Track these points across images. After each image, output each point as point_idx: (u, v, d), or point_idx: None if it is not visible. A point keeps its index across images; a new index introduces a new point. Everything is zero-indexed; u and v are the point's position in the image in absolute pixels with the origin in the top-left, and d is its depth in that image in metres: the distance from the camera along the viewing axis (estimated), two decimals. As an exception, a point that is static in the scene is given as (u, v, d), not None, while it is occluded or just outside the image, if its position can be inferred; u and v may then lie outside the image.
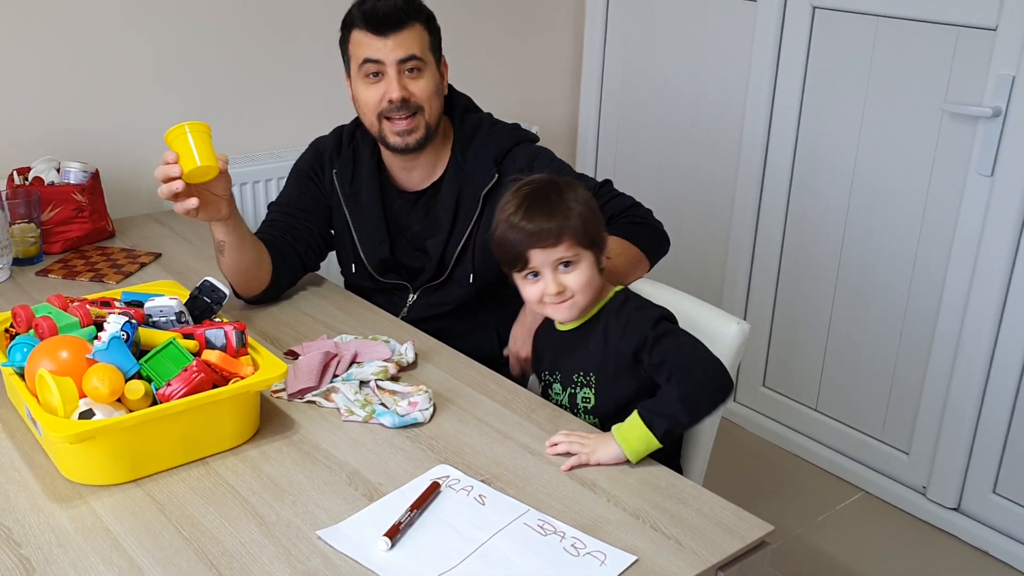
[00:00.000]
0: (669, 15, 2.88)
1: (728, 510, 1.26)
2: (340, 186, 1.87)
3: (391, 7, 1.71)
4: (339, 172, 1.88)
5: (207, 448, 1.33)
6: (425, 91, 1.75)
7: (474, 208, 1.81)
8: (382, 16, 1.71)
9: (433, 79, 1.76)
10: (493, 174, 1.80)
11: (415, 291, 1.89)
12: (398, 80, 1.72)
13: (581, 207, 1.44)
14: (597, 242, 1.46)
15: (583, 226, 1.43)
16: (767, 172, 2.73)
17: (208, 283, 1.52)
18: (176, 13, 2.41)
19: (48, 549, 1.14)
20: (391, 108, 1.74)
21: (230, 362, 1.35)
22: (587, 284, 1.45)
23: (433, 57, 1.77)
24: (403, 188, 1.88)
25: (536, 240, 1.42)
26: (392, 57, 1.72)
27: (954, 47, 2.26)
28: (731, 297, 2.90)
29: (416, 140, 1.77)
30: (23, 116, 2.26)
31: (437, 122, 1.80)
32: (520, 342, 1.71)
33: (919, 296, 2.46)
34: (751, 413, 2.96)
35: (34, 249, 2.00)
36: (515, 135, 1.85)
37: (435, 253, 1.84)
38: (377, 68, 1.73)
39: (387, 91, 1.73)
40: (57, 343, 1.31)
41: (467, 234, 1.82)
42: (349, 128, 1.91)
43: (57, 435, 1.20)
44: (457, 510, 1.23)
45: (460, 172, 1.83)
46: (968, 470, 2.44)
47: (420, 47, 1.74)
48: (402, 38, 1.72)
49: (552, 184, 1.47)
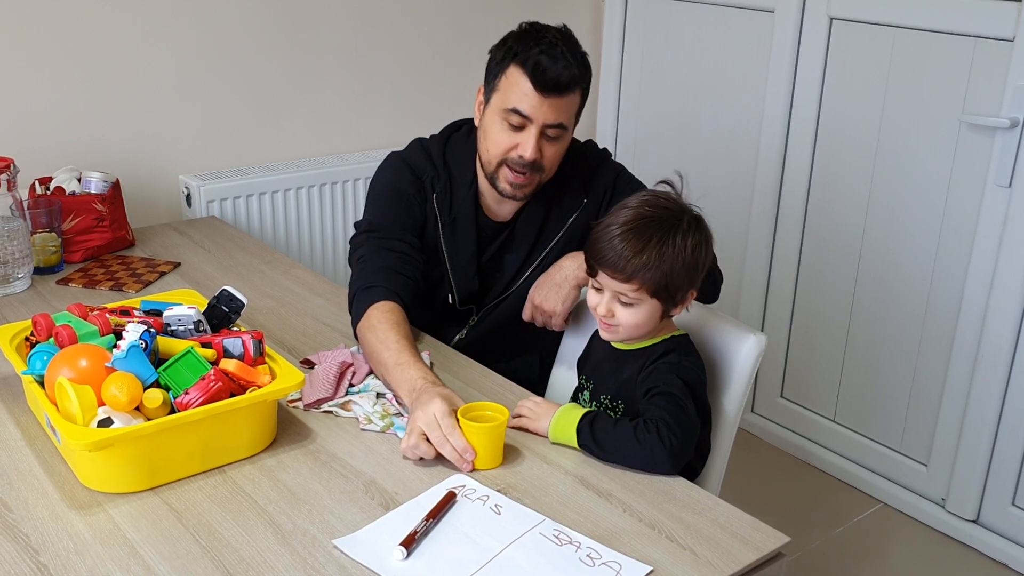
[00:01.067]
0: (686, 26, 2.89)
1: (744, 521, 1.25)
2: (440, 212, 1.78)
3: (566, 75, 1.63)
4: (439, 196, 1.77)
5: (224, 456, 1.34)
6: (554, 156, 1.70)
7: (558, 231, 1.80)
8: (552, 80, 1.63)
9: (566, 144, 1.72)
10: (582, 200, 1.79)
11: (477, 313, 1.86)
12: (536, 141, 1.66)
13: (675, 260, 1.37)
14: (673, 297, 1.40)
15: (663, 279, 1.37)
16: (784, 182, 2.72)
17: (226, 292, 1.53)
18: (196, 26, 2.43)
19: (66, 556, 1.15)
20: (518, 162, 1.68)
21: (248, 371, 1.36)
22: (638, 326, 1.42)
23: (575, 120, 1.72)
24: (494, 218, 1.82)
25: (609, 265, 1.39)
26: (542, 119, 1.65)
27: (971, 58, 2.25)
28: (748, 308, 2.89)
29: (524, 195, 1.73)
30: (45, 127, 2.29)
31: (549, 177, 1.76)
32: (543, 291, 1.71)
33: (937, 307, 2.44)
34: (769, 424, 2.95)
35: (55, 258, 2.02)
36: (597, 154, 1.83)
37: (510, 270, 1.82)
38: (522, 122, 1.66)
39: (521, 147, 1.66)
40: (76, 351, 1.32)
41: (544, 253, 1.81)
42: (438, 149, 1.80)
43: (76, 443, 1.21)
44: (473, 520, 1.23)
45: (549, 195, 1.79)
46: (987, 482, 2.42)
47: (570, 115, 1.68)
48: (559, 104, 1.65)
49: (668, 222, 1.39)
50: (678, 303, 1.43)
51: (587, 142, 1.87)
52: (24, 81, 2.24)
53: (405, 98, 2.83)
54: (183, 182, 2.49)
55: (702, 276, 1.45)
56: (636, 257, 1.36)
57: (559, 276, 1.72)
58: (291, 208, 2.61)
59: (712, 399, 1.61)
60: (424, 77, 2.85)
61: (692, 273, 1.40)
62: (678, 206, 1.44)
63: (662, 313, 1.43)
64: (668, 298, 1.40)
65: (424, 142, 1.83)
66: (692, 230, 1.40)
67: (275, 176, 2.57)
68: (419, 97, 2.85)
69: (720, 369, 1.61)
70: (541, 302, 1.72)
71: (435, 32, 2.85)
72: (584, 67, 1.69)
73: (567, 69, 1.64)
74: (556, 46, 1.65)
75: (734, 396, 1.59)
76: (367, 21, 2.72)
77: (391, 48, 2.77)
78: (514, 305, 1.82)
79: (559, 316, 1.72)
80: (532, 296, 1.74)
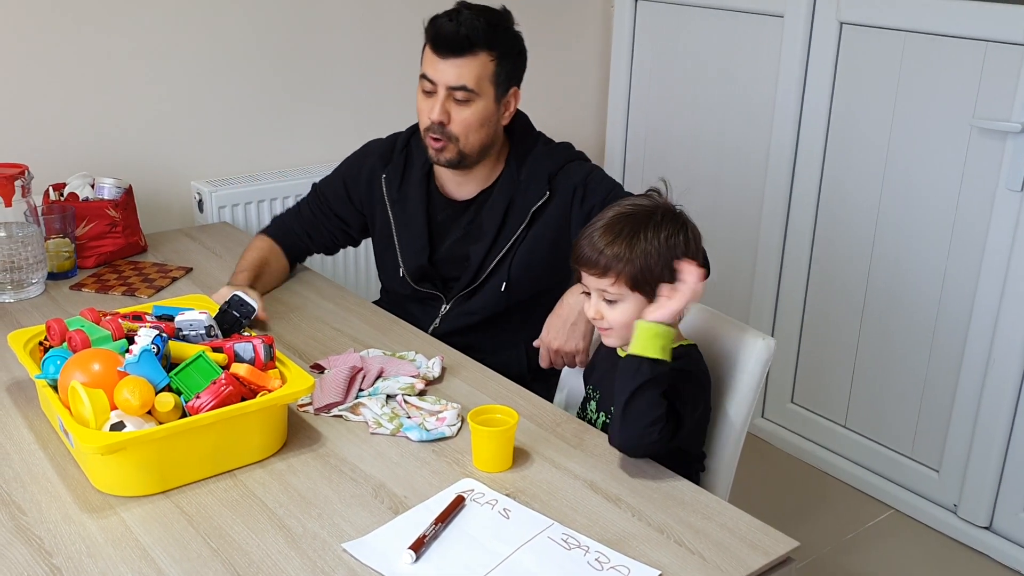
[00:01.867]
0: (696, 30, 2.89)
1: (753, 526, 1.25)
2: (388, 191, 1.90)
3: (454, 32, 1.70)
4: (388, 177, 1.90)
5: (235, 460, 1.35)
6: (465, 121, 1.74)
7: (521, 220, 1.82)
8: (444, 39, 1.71)
9: (481, 111, 1.75)
10: (545, 191, 1.81)
11: (448, 302, 1.90)
12: (442, 104, 1.73)
13: (650, 251, 1.38)
14: (654, 292, 1.39)
15: (639, 271, 1.38)
16: (795, 187, 2.72)
17: (237, 297, 1.54)
18: (208, 33, 2.45)
19: (79, 559, 1.16)
20: (431, 127, 1.76)
21: (258, 375, 1.37)
22: (626, 325, 1.41)
23: (493, 89, 1.75)
24: (451, 197, 1.89)
25: (585, 262, 1.41)
26: (443, 81, 1.72)
27: (982, 62, 2.24)
28: (758, 313, 2.88)
29: (446, 159, 1.79)
30: (59, 133, 2.30)
31: (479, 150, 1.79)
32: (554, 333, 1.69)
33: (949, 312, 2.44)
34: (779, 429, 2.94)
35: (68, 263, 2.03)
36: (569, 154, 1.87)
37: (475, 259, 1.85)
38: (431, 86, 1.75)
39: (431, 110, 1.75)
40: (89, 356, 1.33)
41: (510, 244, 1.83)
42: (405, 135, 1.94)
43: (89, 446, 1.22)
44: (481, 524, 1.23)
45: (513, 183, 1.84)
46: (1000, 488, 2.41)
47: (475, 77, 1.72)
48: (459, 64, 1.71)
49: (641, 216, 1.41)
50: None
51: (563, 143, 1.91)
52: (38, 88, 2.25)
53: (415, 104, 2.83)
54: (195, 188, 2.51)
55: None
56: (608, 248, 1.39)
57: (566, 313, 1.69)
58: (302, 214, 2.62)
59: (721, 403, 1.61)
60: (435, 83, 2.86)
61: (672, 264, 1.39)
62: (655, 203, 1.45)
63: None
64: (652, 292, 1.40)
65: (400, 131, 1.97)
66: (666, 222, 1.41)
67: (286, 182, 2.58)
68: (430, 103, 2.86)
69: (729, 373, 1.61)
70: (560, 346, 1.69)
71: (446, 38, 2.85)
72: (491, 30, 1.72)
73: (461, 27, 1.69)
74: (459, 12, 1.72)
75: (743, 401, 1.59)
76: (378, 28, 2.73)
77: (402, 54, 2.78)
78: (484, 299, 1.86)
79: (582, 352, 1.68)
80: (546, 342, 1.70)
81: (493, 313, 1.87)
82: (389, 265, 1.94)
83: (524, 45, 1.81)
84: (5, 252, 1.87)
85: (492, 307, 1.87)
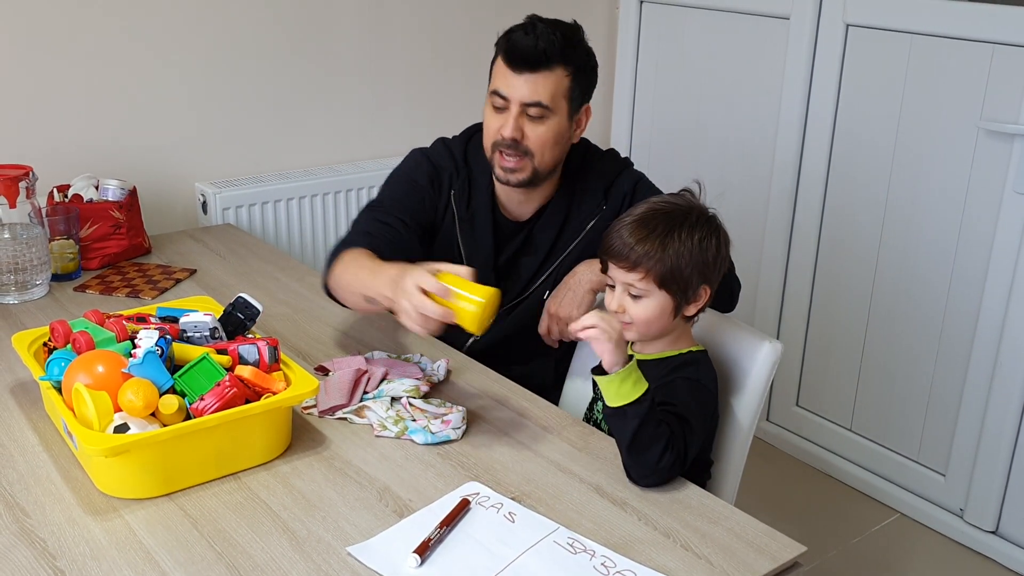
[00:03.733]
0: (701, 32, 2.88)
1: (760, 530, 1.24)
2: (458, 210, 1.80)
3: (532, 47, 1.64)
4: (457, 195, 1.80)
5: (239, 463, 1.34)
6: (540, 138, 1.68)
7: (576, 235, 1.80)
8: (521, 54, 1.64)
9: (555, 128, 1.69)
10: (602, 206, 1.79)
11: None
12: (516, 120, 1.67)
13: (683, 251, 1.37)
14: (684, 291, 1.40)
15: (668, 269, 1.37)
16: (800, 190, 2.71)
17: (242, 299, 1.54)
18: (212, 35, 2.45)
19: (83, 562, 1.15)
20: (503, 142, 1.69)
21: (263, 377, 1.36)
22: (648, 322, 1.41)
23: (567, 105, 1.70)
24: (511, 218, 1.83)
25: (615, 255, 1.41)
26: (518, 97, 1.66)
27: (990, 64, 2.24)
28: (764, 316, 2.88)
29: (518, 180, 1.72)
30: (63, 135, 2.30)
31: (550, 168, 1.73)
32: (558, 299, 1.69)
33: (955, 315, 2.43)
34: (784, 433, 2.93)
35: (72, 265, 2.03)
36: (619, 162, 1.84)
37: (527, 273, 1.82)
38: (503, 103, 1.68)
39: (502, 126, 1.68)
40: (93, 358, 1.33)
41: (561, 259, 1.80)
42: (459, 147, 1.83)
43: (92, 448, 1.22)
44: (487, 527, 1.23)
45: (568, 200, 1.80)
46: (1007, 492, 2.40)
47: (551, 94, 1.66)
48: (535, 80, 1.65)
49: (677, 216, 1.40)
50: (690, 299, 1.42)
51: (609, 150, 1.87)
52: (42, 90, 2.25)
53: (420, 106, 2.84)
54: (199, 189, 2.51)
55: (717, 274, 1.43)
56: (639, 245, 1.38)
57: (572, 281, 1.71)
58: (306, 216, 2.61)
59: (726, 407, 1.60)
60: (439, 85, 2.86)
61: (702, 267, 1.39)
62: (689, 204, 1.44)
63: (674, 309, 1.42)
64: (678, 292, 1.39)
65: (447, 141, 1.85)
66: (701, 224, 1.41)
67: (290, 184, 2.58)
68: (434, 105, 2.86)
69: (735, 377, 1.60)
70: (556, 310, 1.71)
71: (450, 40, 2.85)
72: (568, 45, 1.67)
73: (538, 42, 1.64)
74: (535, 25, 1.67)
75: (749, 404, 1.59)
76: (382, 29, 2.73)
77: (406, 56, 2.78)
78: (528, 310, 1.82)
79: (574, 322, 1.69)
80: (548, 306, 1.73)
81: (532, 322, 1.81)
82: None
83: (596, 61, 1.75)
84: (9, 253, 1.87)
85: (532, 317, 1.80)
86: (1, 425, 1.45)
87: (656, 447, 1.30)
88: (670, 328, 1.45)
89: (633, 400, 1.29)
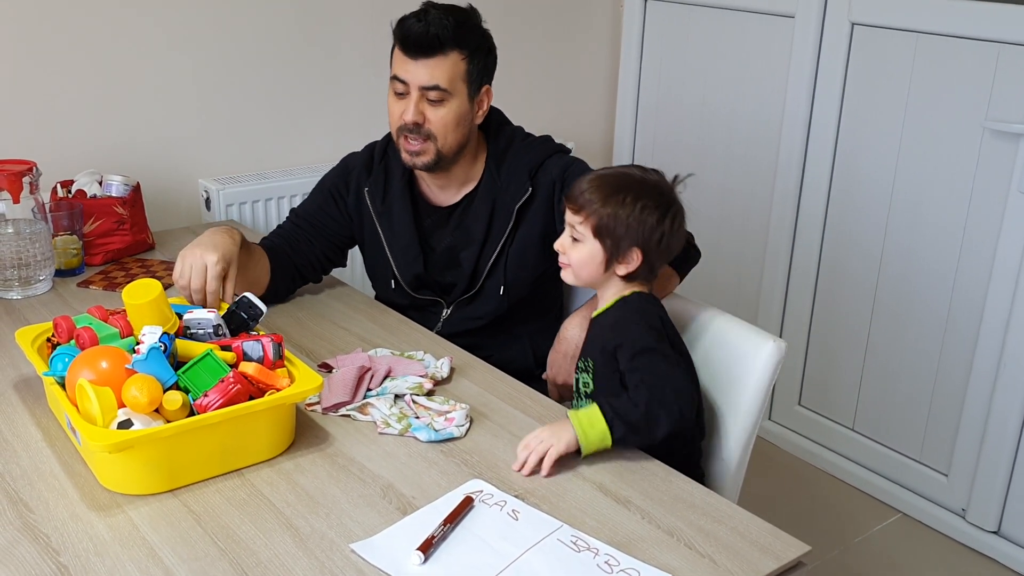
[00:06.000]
0: (706, 31, 2.88)
1: (764, 529, 1.24)
2: (372, 204, 1.88)
3: (424, 32, 1.69)
4: (371, 190, 1.88)
5: (243, 459, 1.34)
6: (441, 121, 1.73)
7: (507, 221, 1.82)
8: (414, 40, 1.70)
9: (456, 110, 1.74)
10: (527, 188, 1.81)
11: (448, 306, 1.90)
12: (416, 104, 1.72)
13: (622, 211, 1.46)
14: (616, 247, 1.48)
15: (606, 222, 1.47)
16: (804, 189, 2.71)
17: (246, 299, 1.53)
18: (216, 31, 2.45)
19: (86, 557, 1.15)
20: (405, 127, 1.75)
21: (266, 374, 1.36)
22: (580, 264, 1.50)
23: (466, 88, 1.74)
24: (435, 203, 1.88)
25: (569, 197, 1.52)
26: (416, 81, 1.71)
27: (995, 64, 2.23)
28: (767, 314, 2.87)
29: (423, 163, 1.77)
30: (67, 131, 2.30)
31: (455, 150, 1.78)
32: (556, 368, 1.71)
33: (959, 315, 2.42)
34: (787, 432, 2.93)
35: (76, 260, 2.03)
36: (548, 148, 1.86)
37: (468, 265, 1.85)
38: (403, 87, 1.73)
39: (404, 111, 1.73)
40: (97, 353, 1.33)
41: (500, 247, 1.83)
42: (381, 145, 1.92)
43: (96, 444, 1.21)
44: (490, 525, 1.23)
45: (494, 185, 1.83)
46: (1009, 492, 2.40)
47: (448, 77, 1.71)
48: (431, 65, 1.70)
49: (634, 182, 1.50)
50: (620, 257, 1.48)
51: (544, 136, 1.90)
52: (46, 85, 2.25)
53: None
54: (202, 186, 2.51)
55: (656, 246, 1.49)
56: (589, 192, 1.48)
57: (564, 348, 1.70)
58: (310, 212, 2.61)
59: (731, 406, 1.60)
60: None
61: (637, 232, 1.47)
62: (653, 180, 1.52)
63: (605, 261, 1.49)
64: (611, 244, 1.47)
65: (375, 142, 1.93)
66: (651, 196, 1.49)
67: (294, 180, 2.58)
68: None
69: (738, 376, 1.60)
70: (557, 378, 1.72)
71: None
72: (460, 28, 1.71)
73: (430, 28, 1.69)
74: (427, 12, 1.72)
75: (752, 404, 1.58)
76: (386, 26, 2.71)
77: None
78: (488, 302, 1.87)
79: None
80: (550, 377, 1.73)
81: (496, 315, 1.87)
82: (383, 277, 1.93)
83: (493, 43, 1.80)
84: (13, 249, 1.87)
85: (494, 310, 1.87)
86: (5, 420, 1.45)
87: (653, 423, 1.36)
88: (601, 280, 1.52)
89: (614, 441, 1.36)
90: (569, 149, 1.90)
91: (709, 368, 1.63)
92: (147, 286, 1.43)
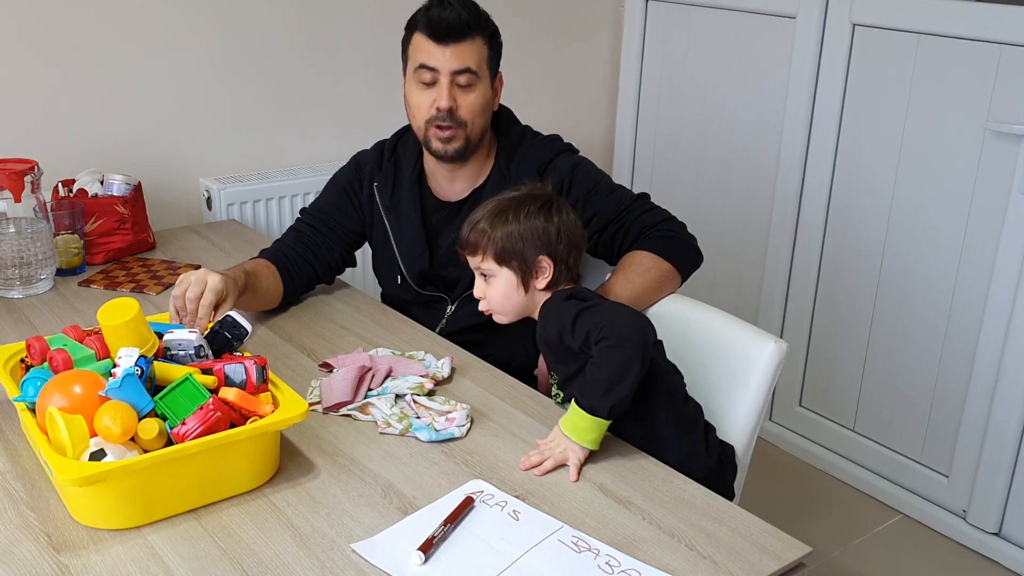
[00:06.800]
0: (707, 30, 2.88)
1: (765, 530, 1.24)
2: (381, 200, 1.89)
3: (455, 17, 1.72)
4: (380, 186, 1.89)
5: (223, 491, 1.26)
6: (472, 106, 1.75)
7: None
8: (446, 25, 1.72)
9: (483, 95, 1.77)
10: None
11: (453, 303, 1.90)
12: (449, 90, 1.73)
13: (510, 229, 1.49)
14: (524, 264, 1.50)
15: (502, 247, 1.49)
16: (805, 189, 2.71)
17: (230, 318, 1.48)
18: (218, 30, 2.45)
19: (86, 556, 1.15)
20: (438, 116, 1.75)
21: (248, 400, 1.28)
22: (501, 300, 1.53)
23: (488, 73, 1.78)
24: (444, 199, 1.89)
25: (462, 246, 1.54)
26: (447, 67, 1.72)
27: (997, 65, 2.23)
28: (768, 315, 2.87)
29: (455, 149, 1.78)
30: (68, 130, 2.30)
31: (480, 137, 1.80)
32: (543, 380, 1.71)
33: (960, 316, 2.42)
34: (787, 433, 2.93)
35: (77, 260, 2.03)
36: (557, 146, 1.87)
37: None
38: (432, 76, 1.74)
39: (437, 99, 1.74)
40: (69, 378, 1.25)
41: None
42: (391, 142, 1.93)
43: (65, 478, 1.13)
44: (491, 525, 1.23)
45: (503, 181, 1.84)
46: (1010, 494, 2.40)
47: (477, 61, 1.74)
48: (461, 49, 1.72)
49: (506, 202, 1.52)
50: (533, 272, 1.50)
51: (552, 135, 1.90)
52: (48, 84, 2.25)
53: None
54: (204, 185, 2.51)
55: (563, 246, 1.51)
56: (473, 234, 1.52)
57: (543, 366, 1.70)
58: (311, 212, 2.61)
59: (732, 406, 1.60)
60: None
61: (534, 240, 1.49)
62: (526, 192, 1.56)
63: (521, 283, 1.51)
64: (518, 264, 1.49)
65: (385, 140, 1.95)
66: (530, 204, 1.51)
67: (295, 180, 2.58)
68: (439, 102, 2.86)
69: (739, 377, 1.60)
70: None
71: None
72: (479, 15, 1.76)
73: (457, 12, 1.72)
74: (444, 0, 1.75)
75: (753, 404, 1.58)
76: (388, 25, 2.71)
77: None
78: None
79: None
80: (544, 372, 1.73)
81: None
82: (389, 272, 1.94)
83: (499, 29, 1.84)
84: (14, 248, 1.87)
85: None
86: (5, 419, 1.45)
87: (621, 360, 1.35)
88: (527, 302, 1.54)
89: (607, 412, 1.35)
90: (577, 149, 1.91)
91: (710, 368, 1.63)
92: (124, 306, 1.36)
